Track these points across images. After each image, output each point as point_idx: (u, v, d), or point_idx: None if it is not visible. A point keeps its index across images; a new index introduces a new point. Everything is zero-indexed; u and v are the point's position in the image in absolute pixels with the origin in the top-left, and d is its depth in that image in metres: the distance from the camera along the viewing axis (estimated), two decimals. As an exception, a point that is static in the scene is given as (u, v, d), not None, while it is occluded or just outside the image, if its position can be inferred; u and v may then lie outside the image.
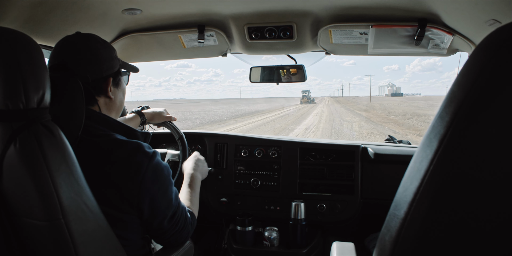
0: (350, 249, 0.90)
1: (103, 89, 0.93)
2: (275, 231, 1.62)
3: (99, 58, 0.91)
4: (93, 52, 0.90)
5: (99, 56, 0.91)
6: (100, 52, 0.91)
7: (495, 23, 1.02)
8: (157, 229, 0.93)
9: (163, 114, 1.47)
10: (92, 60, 0.89)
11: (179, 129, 1.51)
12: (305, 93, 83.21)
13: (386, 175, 1.64)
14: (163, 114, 1.47)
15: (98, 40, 0.93)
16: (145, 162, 0.85)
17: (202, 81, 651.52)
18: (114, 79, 0.96)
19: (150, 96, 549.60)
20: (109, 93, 0.94)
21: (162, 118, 1.47)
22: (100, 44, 0.92)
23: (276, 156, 1.73)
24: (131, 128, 0.95)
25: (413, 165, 0.50)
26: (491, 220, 0.46)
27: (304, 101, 73.60)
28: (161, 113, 1.47)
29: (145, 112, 1.41)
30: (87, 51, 0.89)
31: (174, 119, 1.52)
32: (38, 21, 1.14)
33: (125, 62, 1.04)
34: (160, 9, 1.28)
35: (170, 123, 1.50)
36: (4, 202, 0.73)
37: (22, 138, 0.68)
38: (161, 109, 1.49)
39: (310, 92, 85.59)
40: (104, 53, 0.92)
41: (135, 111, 1.40)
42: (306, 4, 1.23)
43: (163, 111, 1.48)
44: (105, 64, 0.92)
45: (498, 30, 0.43)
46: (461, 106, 0.44)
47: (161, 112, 1.47)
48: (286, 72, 1.65)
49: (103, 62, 0.91)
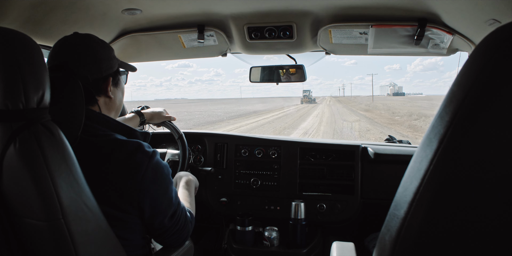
0: (350, 249, 0.90)
1: (103, 88, 0.93)
2: (275, 231, 1.62)
3: (99, 58, 0.91)
4: (92, 52, 0.90)
5: (98, 56, 0.91)
6: (99, 52, 0.91)
7: (495, 23, 1.02)
8: (158, 228, 0.93)
9: (163, 114, 1.47)
10: (91, 60, 0.90)
11: (178, 128, 1.51)
12: (306, 93, 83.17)
13: (386, 175, 1.64)
14: (162, 114, 1.47)
15: (96, 40, 0.93)
16: (145, 162, 0.85)
17: (204, 81, 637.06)
18: (114, 78, 0.96)
19: (151, 96, 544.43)
20: (109, 92, 0.94)
21: (161, 118, 1.47)
22: (98, 44, 0.93)
23: (276, 156, 1.73)
24: (130, 127, 0.96)
25: (413, 165, 0.50)
26: (491, 219, 0.46)
27: (305, 101, 73.52)
28: (160, 113, 1.47)
29: (144, 112, 1.41)
30: (86, 51, 0.89)
31: (174, 118, 1.52)
32: (38, 21, 1.14)
33: (123, 62, 1.04)
34: (160, 9, 1.28)
35: (170, 122, 1.50)
36: (4, 202, 0.73)
37: (22, 138, 0.68)
38: (161, 109, 1.49)
39: (311, 91, 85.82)
40: (103, 53, 0.92)
41: (134, 111, 1.41)
42: (306, 4, 1.23)
43: (162, 111, 1.49)
44: (104, 63, 0.92)
45: (498, 30, 0.43)
46: (461, 106, 0.44)
47: (160, 112, 1.47)
48: (286, 72, 1.65)
49: (102, 61, 0.92)
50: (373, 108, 38.01)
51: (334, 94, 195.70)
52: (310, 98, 79.42)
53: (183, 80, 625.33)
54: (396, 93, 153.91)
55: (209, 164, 1.79)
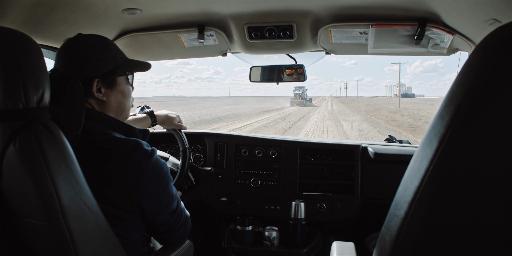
0: (350, 249, 0.90)
1: (88, 90, 0.90)
2: (275, 230, 1.62)
3: (84, 59, 0.89)
4: (77, 53, 0.89)
5: (84, 57, 0.89)
6: (86, 52, 0.89)
7: (495, 23, 1.02)
8: (161, 225, 0.94)
9: (175, 121, 1.43)
10: (76, 61, 0.88)
11: (186, 140, 1.46)
12: (299, 91, 56.66)
13: (386, 175, 1.64)
14: (174, 121, 1.43)
15: (89, 40, 0.91)
16: (145, 160, 0.85)
17: (203, 78, 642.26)
18: (104, 80, 0.92)
19: (150, 93, 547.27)
20: (98, 94, 0.91)
21: (173, 125, 1.43)
22: (88, 44, 0.90)
23: (276, 155, 1.73)
24: (129, 125, 0.95)
25: (413, 165, 0.50)
26: (491, 219, 0.46)
27: (296, 102, 51.46)
28: (173, 119, 1.43)
29: (157, 115, 1.37)
30: (74, 52, 0.89)
31: (185, 128, 1.48)
32: (38, 21, 1.14)
33: (128, 61, 0.99)
34: (160, 9, 1.28)
35: (180, 131, 1.46)
36: (4, 202, 0.73)
37: (21, 138, 0.68)
38: (175, 115, 1.45)
39: (306, 89, 59.30)
40: (91, 53, 0.89)
41: (147, 112, 1.36)
42: (306, 3, 1.23)
43: (175, 117, 1.44)
44: (89, 65, 0.89)
45: (498, 30, 0.43)
46: (461, 106, 0.44)
47: (173, 118, 1.43)
48: (286, 72, 1.65)
49: (87, 62, 0.89)
50: (403, 118, 22.56)
51: (334, 94, 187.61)
52: (305, 98, 54.91)
53: (183, 78, 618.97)
54: (405, 94, 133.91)
55: (209, 164, 1.79)
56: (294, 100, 53.04)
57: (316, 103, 59.16)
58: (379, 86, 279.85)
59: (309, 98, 58.32)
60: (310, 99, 57.43)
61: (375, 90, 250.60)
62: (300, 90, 56.26)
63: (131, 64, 1.00)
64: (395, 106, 36.59)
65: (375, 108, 33.13)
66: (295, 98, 53.77)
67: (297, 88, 57.06)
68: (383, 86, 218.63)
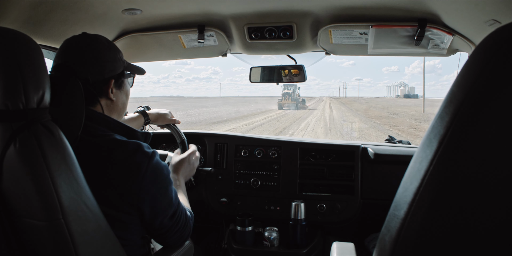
0: (350, 249, 0.90)
1: (104, 90, 0.93)
2: (275, 231, 1.62)
3: (101, 59, 0.90)
4: (95, 53, 0.90)
5: (101, 58, 0.90)
6: (103, 53, 0.91)
7: (495, 23, 1.02)
8: (159, 228, 0.93)
9: (167, 117, 1.46)
10: (93, 61, 0.89)
11: (181, 133, 1.49)
12: (288, 90, 45.68)
13: (386, 175, 1.64)
14: (167, 116, 1.46)
15: (102, 41, 0.93)
16: (145, 162, 0.85)
17: (201, 78, 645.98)
18: (117, 81, 0.95)
19: (148, 93, 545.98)
20: (111, 95, 0.94)
21: (166, 120, 1.46)
22: (104, 45, 0.92)
23: (276, 156, 1.73)
24: (131, 128, 0.96)
25: (413, 165, 0.50)
26: (491, 220, 0.46)
27: (285, 104, 41.20)
28: (165, 115, 1.45)
29: (149, 113, 1.40)
30: (89, 52, 0.89)
31: (178, 122, 1.50)
32: (38, 21, 1.14)
33: (130, 64, 1.03)
34: (160, 9, 1.28)
35: (174, 126, 1.49)
36: (4, 202, 0.73)
37: (22, 138, 0.68)
38: (166, 111, 1.48)
39: (299, 87, 48.68)
40: (107, 54, 0.92)
41: (139, 111, 1.39)
42: (306, 4, 1.23)
43: (167, 113, 1.47)
44: (107, 65, 0.92)
45: (498, 30, 0.43)
46: (461, 107, 0.44)
47: (165, 114, 1.45)
48: (286, 72, 1.65)
49: (105, 63, 0.91)
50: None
51: (333, 94, 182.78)
52: (296, 99, 44.13)
53: (181, 78, 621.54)
54: (408, 94, 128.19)
55: (209, 164, 1.79)
56: (282, 101, 42.89)
57: (311, 105, 48.30)
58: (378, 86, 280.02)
59: (301, 98, 48.22)
60: (303, 100, 47.23)
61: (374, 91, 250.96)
62: (290, 88, 45.43)
63: (132, 67, 1.04)
64: (412, 109, 27.77)
65: (388, 112, 23.82)
66: (284, 99, 43.76)
67: (286, 87, 46.03)
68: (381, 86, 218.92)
